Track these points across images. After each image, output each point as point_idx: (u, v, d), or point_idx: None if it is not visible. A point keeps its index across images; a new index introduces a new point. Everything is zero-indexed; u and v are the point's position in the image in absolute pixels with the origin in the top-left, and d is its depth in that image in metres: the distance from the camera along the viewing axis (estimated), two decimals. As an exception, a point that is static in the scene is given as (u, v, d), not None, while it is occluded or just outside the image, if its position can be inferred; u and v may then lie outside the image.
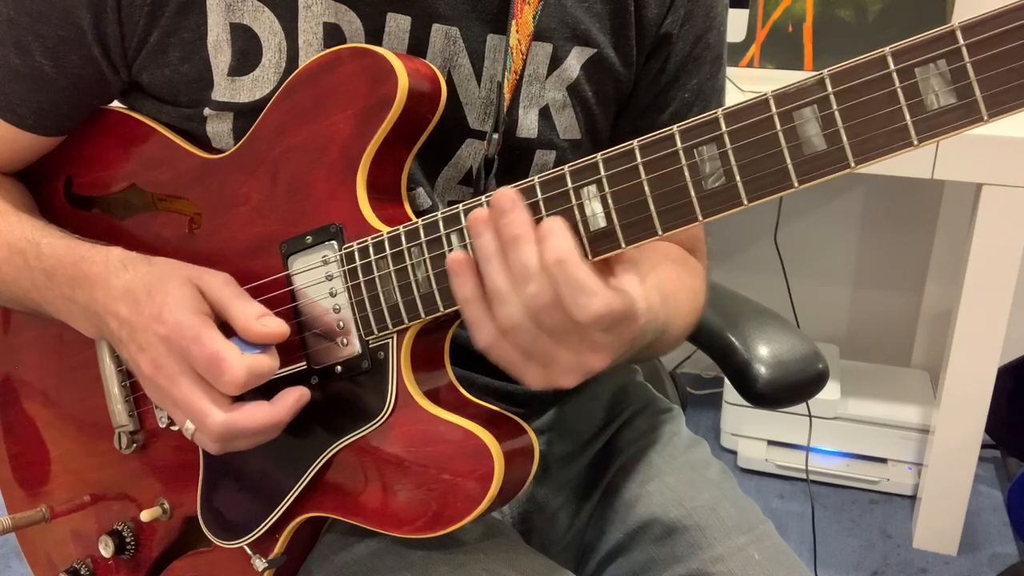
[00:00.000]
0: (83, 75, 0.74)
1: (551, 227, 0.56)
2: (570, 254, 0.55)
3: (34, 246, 0.73)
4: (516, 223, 0.57)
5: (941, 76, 0.47)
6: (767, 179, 0.52)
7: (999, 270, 1.67)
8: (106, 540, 0.81)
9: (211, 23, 0.70)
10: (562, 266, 0.55)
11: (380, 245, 0.65)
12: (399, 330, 0.66)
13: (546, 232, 0.56)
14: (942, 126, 0.47)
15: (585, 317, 0.55)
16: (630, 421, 0.92)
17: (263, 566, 0.72)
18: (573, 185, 0.57)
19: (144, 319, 0.65)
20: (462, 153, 0.77)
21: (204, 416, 0.63)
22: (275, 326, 0.65)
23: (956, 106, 0.47)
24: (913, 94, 0.48)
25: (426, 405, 0.66)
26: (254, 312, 0.65)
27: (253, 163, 0.71)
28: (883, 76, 0.48)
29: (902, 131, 0.48)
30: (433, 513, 0.65)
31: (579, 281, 0.55)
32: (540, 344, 0.58)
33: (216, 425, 0.63)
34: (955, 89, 0.47)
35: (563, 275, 0.55)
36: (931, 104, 0.47)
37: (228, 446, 0.66)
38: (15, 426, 0.90)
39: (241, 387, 0.62)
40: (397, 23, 0.72)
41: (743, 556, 0.77)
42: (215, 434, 0.64)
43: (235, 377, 0.62)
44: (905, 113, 0.48)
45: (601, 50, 0.77)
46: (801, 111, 0.50)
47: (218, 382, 0.63)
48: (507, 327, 0.58)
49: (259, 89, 0.72)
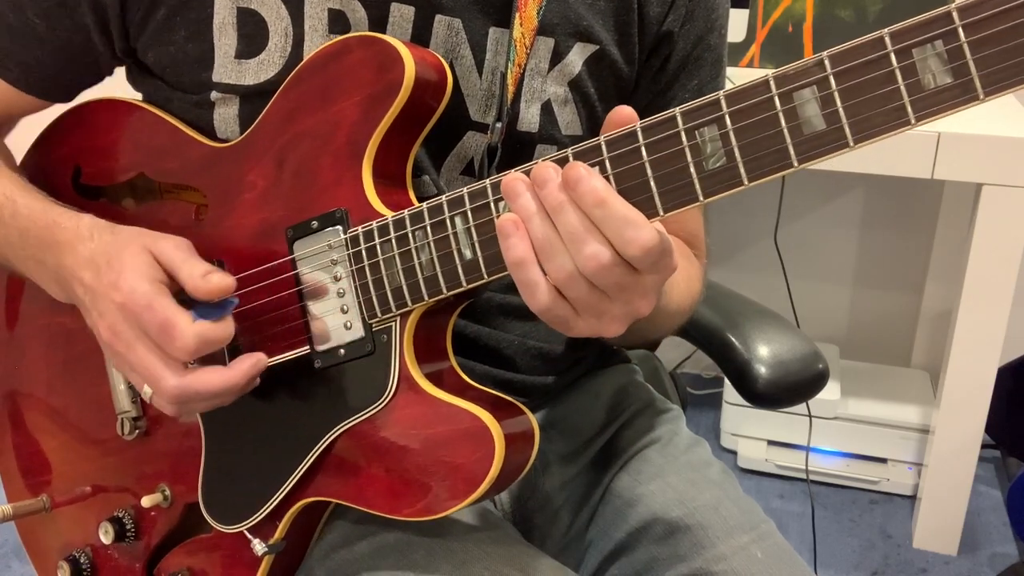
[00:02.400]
0: (72, 40, 0.75)
1: (577, 174, 0.55)
2: (608, 193, 0.55)
3: (10, 203, 0.75)
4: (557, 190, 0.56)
5: (938, 56, 0.48)
6: (767, 159, 0.53)
7: (999, 270, 1.67)
8: (106, 527, 0.81)
9: (218, 5, 0.72)
10: (604, 206, 0.55)
11: (384, 229, 0.66)
12: (402, 313, 0.67)
13: (574, 180, 0.55)
14: (939, 104, 0.48)
15: (637, 250, 0.55)
16: (631, 421, 0.92)
17: (263, 550, 0.72)
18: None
19: (103, 287, 0.67)
20: (464, 144, 0.77)
21: (158, 380, 0.66)
22: (218, 281, 0.66)
23: (953, 85, 0.48)
24: (911, 74, 0.48)
25: (428, 388, 0.67)
26: (200, 270, 0.66)
27: (260, 151, 0.72)
28: (881, 57, 0.49)
29: (900, 110, 0.49)
30: (433, 495, 0.66)
31: (625, 216, 0.55)
32: (593, 297, 0.58)
33: (170, 388, 0.65)
34: (951, 69, 0.48)
35: (608, 214, 0.55)
36: (928, 84, 0.48)
37: (184, 408, 0.68)
38: (17, 416, 0.90)
39: (192, 353, 0.64)
40: (401, 13, 0.72)
41: (746, 555, 0.77)
42: (170, 396, 0.66)
43: (185, 343, 0.64)
44: (903, 93, 0.49)
45: (604, 47, 0.78)
46: (801, 92, 0.51)
47: (169, 347, 0.65)
48: (561, 281, 0.57)
49: (264, 72, 0.73)
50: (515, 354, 0.84)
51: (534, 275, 0.58)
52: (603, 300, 0.58)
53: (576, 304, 0.58)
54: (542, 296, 0.58)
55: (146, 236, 0.70)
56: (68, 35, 0.75)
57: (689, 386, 2.36)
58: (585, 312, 0.59)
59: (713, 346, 1.00)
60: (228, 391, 0.67)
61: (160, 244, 0.68)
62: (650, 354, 1.15)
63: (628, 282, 0.57)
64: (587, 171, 0.55)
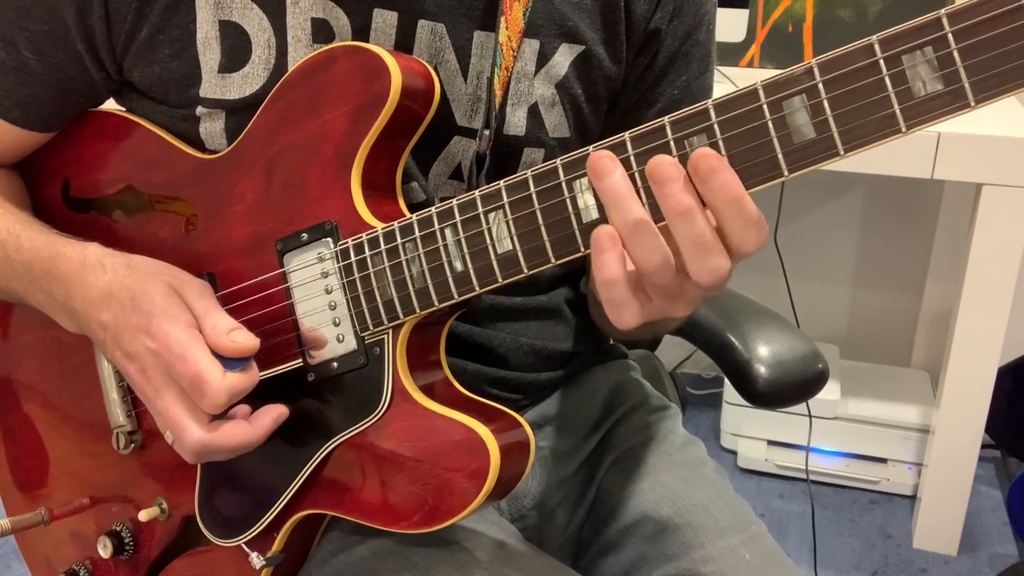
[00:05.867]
0: (67, 71, 0.75)
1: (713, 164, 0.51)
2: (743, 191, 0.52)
3: (14, 238, 0.74)
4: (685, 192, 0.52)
5: (928, 63, 0.47)
6: (757, 168, 0.52)
7: (999, 270, 1.66)
8: (104, 541, 0.81)
9: (200, 20, 0.71)
10: (739, 204, 0.51)
11: (375, 241, 0.66)
12: (394, 325, 0.66)
13: (707, 171, 0.51)
14: (930, 112, 0.48)
15: (754, 248, 0.52)
16: (626, 417, 0.92)
17: (260, 564, 0.72)
18: (566, 178, 0.58)
19: (131, 328, 0.66)
20: (450, 150, 0.77)
21: (183, 431, 0.65)
22: (243, 340, 0.65)
23: (943, 92, 0.47)
24: (900, 81, 0.48)
25: (422, 400, 0.66)
26: (224, 327, 0.65)
27: (248, 163, 0.71)
28: (871, 64, 0.49)
29: (890, 118, 0.48)
30: (430, 508, 0.66)
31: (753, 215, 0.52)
32: (676, 283, 0.55)
33: (193, 443, 0.65)
34: (942, 76, 0.47)
35: (740, 211, 0.52)
36: (918, 91, 0.48)
37: (204, 459, 0.68)
38: (14, 429, 0.90)
39: (221, 407, 0.64)
40: (384, 19, 0.72)
41: (734, 556, 0.77)
42: (191, 450, 0.65)
43: (216, 399, 0.63)
44: (893, 100, 0.48)
45: (590, 47, 0.77)
46: (790, 100, 0.51)
47: (200, 402, 0.64)
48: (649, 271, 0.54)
49: (248, 86, 0.72)
50: (508, 351, 0.84)
51: (625, 295, 0.55)
52: (684, 283, 0.55)
53: (655, 291, 0.55)
54: (632, 315, 0.55)
55: (168, 275, 0.69)
56: (62, 66, 0.74)
57: (689, 386, 2.36)
58: (660, 297, 0.56)
59: (713, 346, 1.00)
60: (249, 446, 0.67)
61: (185, 288, 0.67)
62: (650, 354, 1.15)
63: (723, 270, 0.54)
64: (719, 160, 0.51)
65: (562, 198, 0.58)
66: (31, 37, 0.72)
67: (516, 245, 0.60)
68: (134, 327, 0.65)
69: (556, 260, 0.59)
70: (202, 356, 0.63)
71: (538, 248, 0.59)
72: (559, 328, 0.89)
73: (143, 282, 0.67)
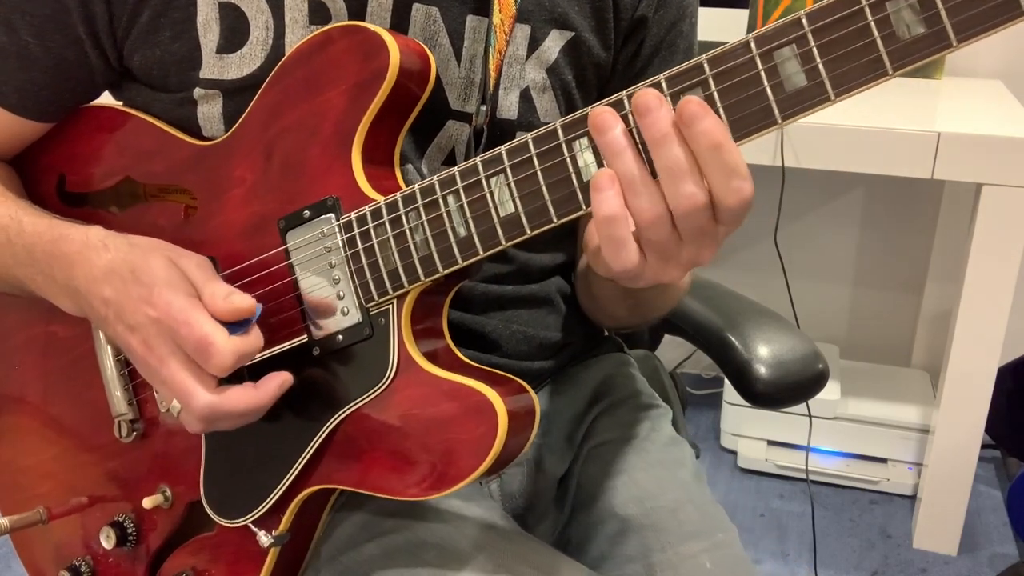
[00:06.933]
0: (67, 56, 0.75)
1: (695, 110, 0.53)
2: (725, 137, 0.53)
3: (16, 222, 0.75)
4: (664, 119, 0.54)
5: (911, 7, 0.49)
6: (752, 118, 0.54)
7: (999, 270, 1.67)
8: (108, 531, 0.81)
9: (200, 2, 0.72)
10: (720, 151, 0.53)
11: (377, 213, 0.66)
12: (399, 295, 0.67)
13: (690, 116, 0.53)
14: (914, 53, 0.50)
15: (737, 202, 0.54)
16: (610, 410, 0.92)
17: (268, 542, 0.72)
18: (565, 138, 0.59)
19: (132, 300, 0.66)
20: (445, 133, 0.78)
21: (190, 397, 0.65)
22: (240, 301, 0.66)
23: (926, 35, 0.49)
24: (885, 26, 0.50)
25: (428, 367, 0.67)
26: (222, 292, 0.66)
27: (248, 146, 0.72)
28: (856, 12, 0.51)
29: (877, 62, 0.51)
30: (439, 473, 0.66)
31: (736, 164, 0.53)
32: (672, 240, 0.56)
33: (201, 407, 0.65)
34: (924, 19, 0.49)
35: (720, 159, 0.53)
36: (903, 35, 0.50)
37: (211, 426, 0.67)
38: (12, 428, 0.89)
39: (228, 369, 0.64)
40: (379, 2, 0.73)
41: (694, 563, 0.77)
42: (199, 415, 0.65)
43: (222, 360, 0.63)
44: (879, 45, 0.50)
45: (579, 33, 0.79)
46: (781, 50, 0.53)
47: (207, 364, 0.64)
48: (646, 221, 0.55)
49: (246, 66, 0.73)
50: (500, 337, 0.85)
51: (623, 232, 0.56)
52: (678, 244, 0.56)
53: (649, 247, 0.57)
54: (629, 255, 0.57)
55: (168, 248, 0.69)
56: (61, 51, 0.75)
57: (689, 386, 2.36)
58: (655, 256, 0.57)
59: (713, 346, 1.00)
60: (256, 411, 0.67)
61: (183, 261, 0.68)
62: (650, 354, 1.15)
63: (708, 229, 0.56)
64: (703, 108, 0.53)
65: (562, 158, 0.59)
66: (33, 21, 0.73)
67: (518, 207, 0.61)
68: (135, 299, 0.66)
69: (558, 220, 0.60)
70: (206, 320, 0.64)
71: (540, 208, 0.60)
72: (550, 317, 0.89)
73: (143, 256, 0.68)
